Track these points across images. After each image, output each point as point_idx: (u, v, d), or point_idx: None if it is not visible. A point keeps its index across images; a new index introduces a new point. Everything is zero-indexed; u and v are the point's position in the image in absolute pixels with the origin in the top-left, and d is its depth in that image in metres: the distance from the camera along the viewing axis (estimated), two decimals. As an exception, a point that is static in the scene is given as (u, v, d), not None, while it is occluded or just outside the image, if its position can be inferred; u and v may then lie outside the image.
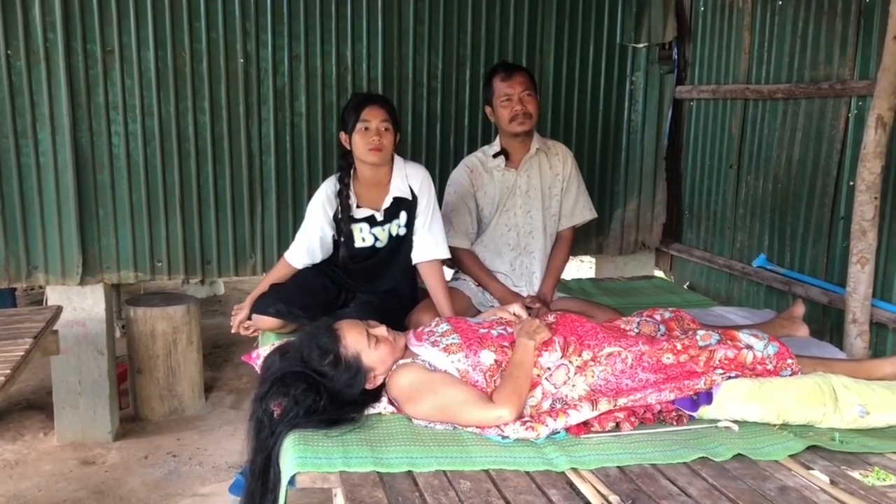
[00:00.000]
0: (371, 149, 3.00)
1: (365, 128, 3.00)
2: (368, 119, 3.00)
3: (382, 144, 3.00)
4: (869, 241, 3.04)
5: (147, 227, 3.91)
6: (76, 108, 3.74)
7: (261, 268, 4.05)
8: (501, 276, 3.45)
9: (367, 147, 3.00)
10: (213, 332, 5.54)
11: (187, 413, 4.40)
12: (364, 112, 3.01)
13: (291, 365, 2.37)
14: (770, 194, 3.81)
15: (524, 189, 3.43)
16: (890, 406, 2.40)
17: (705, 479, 2.10)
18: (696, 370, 2.45)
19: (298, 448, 2.18)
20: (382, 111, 3.02)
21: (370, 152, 3.01)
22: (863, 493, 2.02)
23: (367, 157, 3.02)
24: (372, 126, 2.99)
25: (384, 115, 3.02)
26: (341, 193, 3.10)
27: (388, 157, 3.08)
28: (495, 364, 2.44)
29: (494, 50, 4.22)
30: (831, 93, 3.37)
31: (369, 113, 3.00)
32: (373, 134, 2.99)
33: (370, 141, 2.99)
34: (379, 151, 3.01)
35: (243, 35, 3.88)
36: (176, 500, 3.50)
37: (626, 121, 4.49)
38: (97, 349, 4.03)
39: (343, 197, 3.10)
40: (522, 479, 2.09)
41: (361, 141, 3.01)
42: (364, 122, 3.00)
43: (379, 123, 3.00)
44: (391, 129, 3.04)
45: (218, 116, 3.91)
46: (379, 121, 3.00)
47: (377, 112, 3.01)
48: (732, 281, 4.15)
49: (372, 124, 2.99)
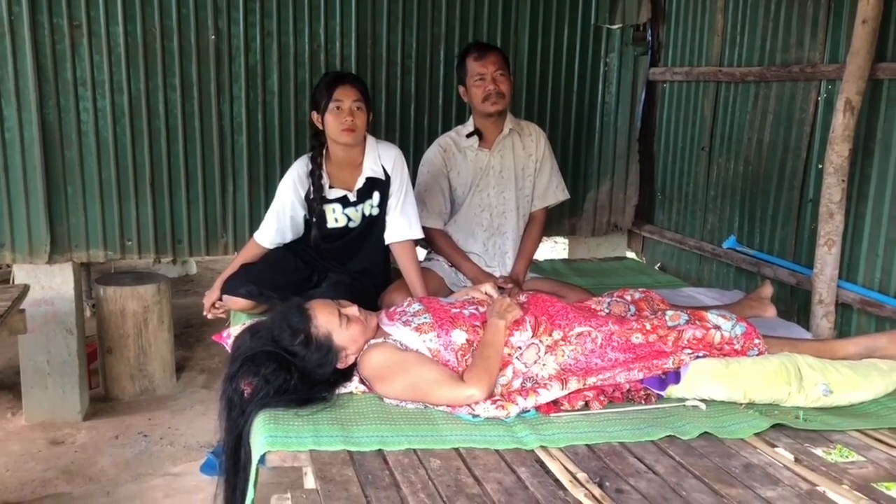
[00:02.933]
0: (344, 129, 2.97)
1: (337, 107, 2.96)
2: (341, 99, 2.96)
3: (355, 125, 2.98)
4: (836, 223, 3.09)
5: (117, 205, 3.86)
6: (43, 83, 3.67)
7: (232, 247, 4.03)
8: (474, 256, 3.46)
9: (341, 127, 2.97)
10: (184, 311, 5.50)
11: (158, 393, 4.38)
12: (336, 91, 2.97)
13: (262, 344, 2.36)
14: (741, 176, 3.84)
15: (497, 169, 3.43)
16: (852, 385, 2.45)
17: (672, 457, 2.13)
18: (665, 350, 2.47)
19: (269, 427, 2.18)
20: (355, 90, 2.99)
21: (343, 133, 2.98)
22: (824, 469, 2.06)
23: (340, 137, 3.00)
24: (345, 106, 2.96)
25: (357, 94, 2.98)
26: (313, 173, 3.07)
27: (361, 137, 3.05)
28: (467, 343, 2.45)
29: (469, 29, 4.21)
30: (802, 76, 3.40)
31: (342, 92, 2.97)
32: (345, 114, 2.96)
33: (343, 121, 2.96)
34: (352, 132, 2.98)
35: (214, 11, 3.82)
36: (147, 479, 3.49)
37: (600, 102, 4.51)
38: (66, 328, 3.99)
39: (315, 177, 3.07)
40: (492, 457, 2.10)
41: (334, 121, 2.98)
42: (336, 102, 2.96)
43: (352, 103, 2.97)
44: (364, 108, 3.00)
45: (189, 94, 3.87)
46: (352, 100, 2.97)
47: (350, 91, 2.98)
48: (703, 262, 4.19)
49: (345, 104, 2.96)
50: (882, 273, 3.03)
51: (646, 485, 1.97)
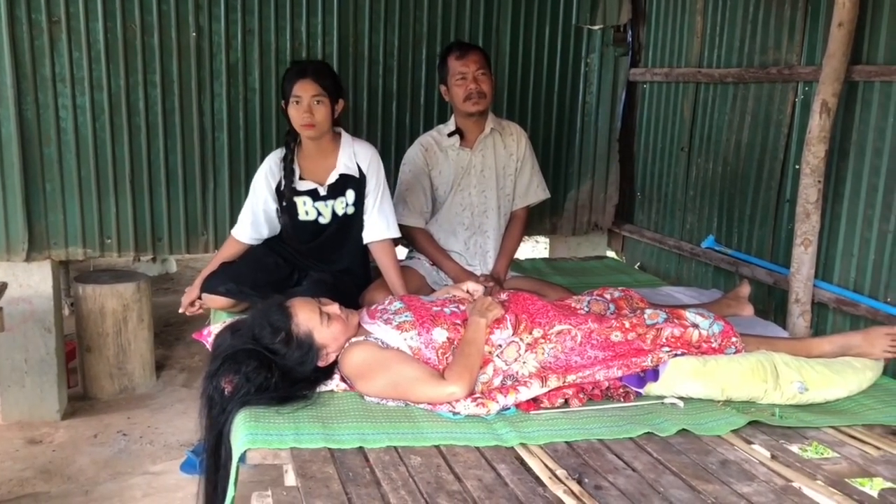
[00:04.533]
0: (303, 125, 2.95)
1: (297, 102, 2.93)
2: (300, 94, 2.92)
3: (314, 120, 2.93)
4: (812, 223, 3.13)
5: (96, 202, 3.83)
6: (21, 79, 3.64)
7: (213, 245, 4.01)
8: (456, 255, 3.47)
9: (300, 122, 2.95)
10: (164, 309, 5.47)
11: (138, 391, 4.35)
12: (296, 87, 2.92)
13: (243, 342, 2.36)
14: (719, 177, 3.88)
15: (479, 169, 3.45)
16: (828, 382, 2.49)
17: (650, 454, 2.15)
18: (644, 348, 2.50)
19: (249, 425, 2.18)
20: (314, 85, 2.92)
21: (303, 128, 2.96)
22: (799, 465, 2.09)
23: (301, 132, 2.99)
24: (303, 102, 2.92)
25: (316, 89, 2.92)
26: (286, 158, 3.06)
27: (323, 130, 3.00)
28: (448, 342, 2.47)
29: (451, 29, 4.21)
30: (779, 78, 3.44)
31: (300, 87, 2.92)
32: (304, 110, 2.92)
33: (301, 116, 2.93)
34: (311, 127, 2.95)
35: (195, 8, 3.80)
36: (126, 478, 3.47)
37: (581, 102, 4.53)
38: (44, 327, 3.96)
39: (287, 161, 3.05)
40: (472, 455, 2.12)
41: (295, 115, 2.95)
42: (296, 97, 2.93)
43: (310, 98, 2.92)
44: (326, 101, 2.94)
45: (169, 91, 3.84)
46: (310, 95, 2.92)
47: (308, 86, 2.92)
48: (682, 261, 4.23)
49: (304, 99, 2.92)
50: (857, 272, 3.07)
51: (624, 481, 1.99)
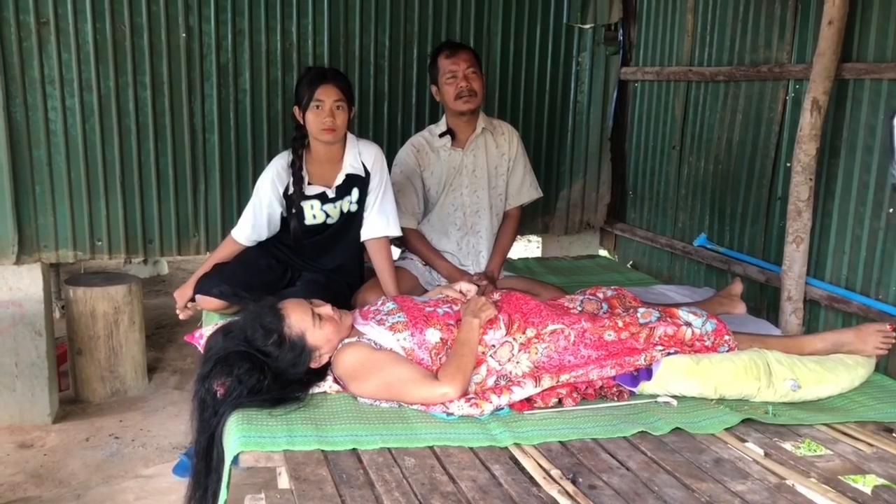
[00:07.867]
0: (324, 129, 2.96)
1: (318, 107, 2.95)
2: (322, 99, 2.95)
3: (336, 125, 2.97)
4: (804, 220, 3.13)
5: (86, 204, 3.81)
6: (9, 81, 3.61)
7: (204, 247, 3.99)
8: (448, 255, 3.46)
9: (321, 127, 2.96)
10: (156, 312, 5.45)
11: (130, 394, 4.33)
12: (318, 91, 2.95)
13: (235, 344, 2.35)
14: (711, 175, 3.89)
15: (470, 168, 3.44)
16: (820, 380, 2.49)
17: (644, 453, 2.15)
18: (637, 347, 2.50)
19: (242, 427, 2.17)
20: (336, 90, 2.97)
21: (323, 132, 2.97)
22: (793, 463, 2.10)
23: (320, 136, 3.00)
24: (325, 106, 2.95)
25: (338, 94, 2.97)
26: (294, 164, 3.06)
27: (341, 136, 3.05)
28: (441, 342, 2.46)
29: (442, 28, 4.21)
30: (770, 76, 3.45)
31: (323, 92, 2.95)
32: (325, 114, 2.95)
33: (323, 121, 2.95)
34: (332, 132, 2.98)
35: (185, 8, 3.79)
36: (118, 482, 3.45)
37: (572, 101, 4.53)
38: (35, 330, 3.93)
39: (296, 168, 3.05)
40: (466, 455, 2.11)
41: (315, 120, 2.97)
42: (317, 102, 2.95)
43: (332, 103, 2.95)
44: (345, 107, 2.99)
45: (159, 92, 3.82)
46: (333, 100, 2.95)
47: (331, 91, 2.96)
48: (674, 260, 4.24)
49: (325, 104, 2.95)
50: (849, 270, 3.08)
51: (618, 480, 1.99)
